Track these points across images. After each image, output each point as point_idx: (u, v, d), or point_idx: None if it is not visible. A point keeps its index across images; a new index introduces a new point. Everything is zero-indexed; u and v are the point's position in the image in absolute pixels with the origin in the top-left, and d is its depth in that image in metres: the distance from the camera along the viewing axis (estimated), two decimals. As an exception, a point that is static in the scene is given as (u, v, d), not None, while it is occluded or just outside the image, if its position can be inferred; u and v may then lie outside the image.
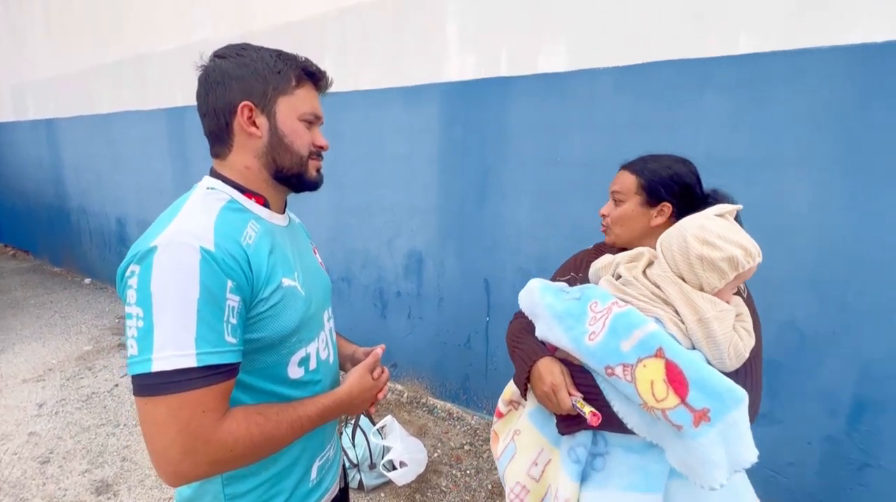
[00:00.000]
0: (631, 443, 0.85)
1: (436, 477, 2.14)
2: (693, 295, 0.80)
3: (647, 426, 0.80)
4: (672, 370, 0.74)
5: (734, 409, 0.71)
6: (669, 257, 0.83)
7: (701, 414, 0.71)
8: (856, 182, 1.51)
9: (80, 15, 4.38)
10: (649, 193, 0.98)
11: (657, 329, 0.78)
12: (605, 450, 0.87)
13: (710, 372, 0.74)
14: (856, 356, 1.58)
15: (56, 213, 5.53)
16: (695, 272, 0.80)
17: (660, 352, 0.75)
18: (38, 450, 2.33)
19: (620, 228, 1.01)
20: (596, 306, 0.85)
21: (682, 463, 0.76)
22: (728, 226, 0.81)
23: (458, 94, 2.30)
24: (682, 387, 0.73)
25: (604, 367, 0.80)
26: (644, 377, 0.75)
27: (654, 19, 1.76)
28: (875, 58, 1.43)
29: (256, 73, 0.71)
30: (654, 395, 0.74)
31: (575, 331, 0.85)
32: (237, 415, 0.64)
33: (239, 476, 0.73)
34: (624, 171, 1.03)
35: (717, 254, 0.77)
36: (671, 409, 0.73)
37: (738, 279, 0.79)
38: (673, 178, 0.98)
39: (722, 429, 0.71)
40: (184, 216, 0.65)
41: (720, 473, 0.72)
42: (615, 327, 0.79)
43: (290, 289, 0.72)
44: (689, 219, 0.84)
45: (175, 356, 0.58)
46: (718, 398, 0.71)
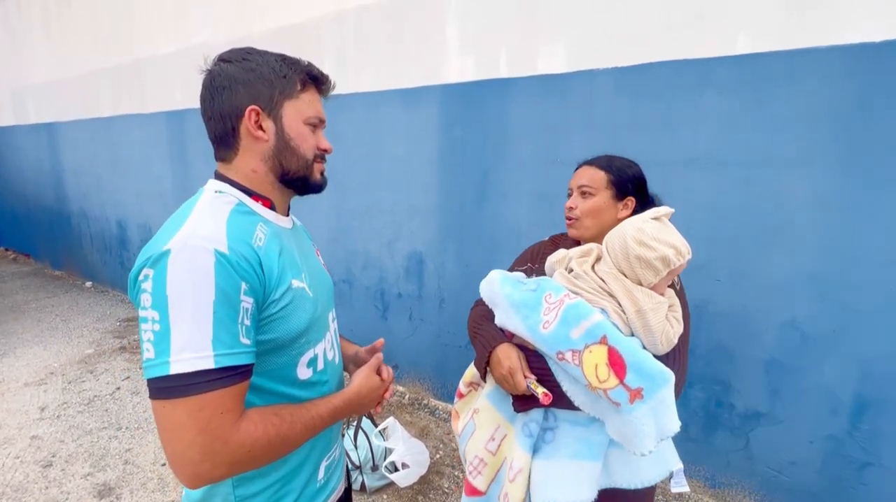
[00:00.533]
0: (577, 418, 0.96)
1: (438, 479, 2.14)
2: (633, 289, 0.91)
3: (591, 403, 0.91)
4: (613, 355, 0.84)
5: (663, 388, 0.83)
6: (613, 256, 0.94)
7: (636, 392, 0.82)
8: (855, 181, 1.52)
9: (80, 19, 4.40)
10: (618, 188, 1.07)
11: (602, 319, 0.88)
12: (555, 425, 0.99)
13: (645, 356, 0.85)
14: (857, 355, 1.58)
15: (57, 217, 5.54)
16: (633, 270, 0.91)
17: (604, 340, 0.85)
18: (41, 454, 2.33)
19: (591, 220, 1.08)
20: (550, 297, 0.94)
21: (618, 434, 0.88)
22: (662, 227, 0.92)
23: (458, 95, 2.31)
24: (621, 370, 0.83)
25: (555, 352, 0.90)
26: (590, 361, 0.85)
27: (652, 20, 1.76)
28: (873, 57, 1.44)
29: (263, 77, 0.71)
30: (597, 377, 0.85)
31: (531, 319, 0.94)
32: (254, 417, 0.65)
33: (249, 477, 0.73)
34: (590, 167, 1.10)
35: (652, 254, 0.88)
36: (612, 389, 0.83)
37: (670, 275, 0.91)
38: (636, 176, 1.10)
39: (652, 405, 0.83)
40: (195, 219, 0.66)
41: (650, 441, 0.84)
42: (566, 317, 0.89)
43: (299, 291, 0.72)
44: (629, 221, 0.95)
45: (193, 358, 0.59)
46: (651, 379, 0.82)
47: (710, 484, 1.91)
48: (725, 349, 1.80)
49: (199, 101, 0.75)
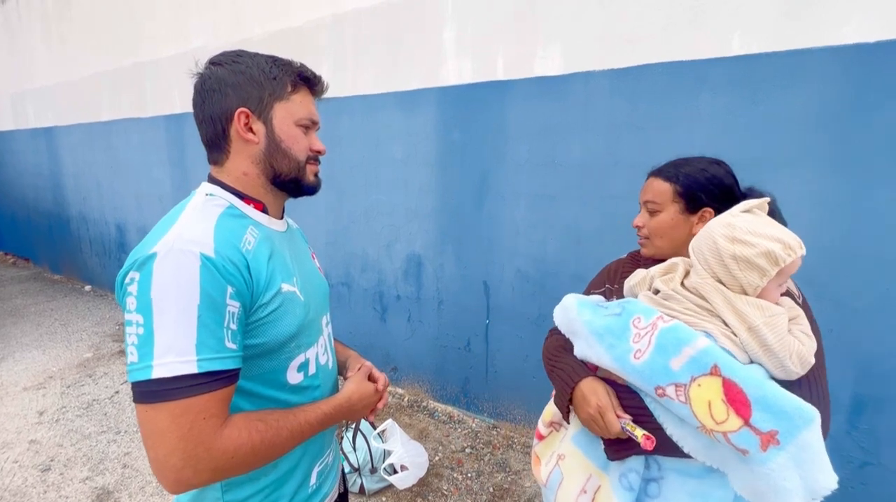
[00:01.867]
0: (688, 468, 0.79)
1: (437, 481, 2.13)
2: (737, 301, 0.74)
3: (705, 449, 0.74)
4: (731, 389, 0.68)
5: (805, 429, 0.66)
6: (703, 262, 0.78)
7: (768, 436, 0.66)
8: (850, 180, 1.52)
9: (80, 23, 4.41)
10: (688, 200, 0.93)
11: (710, 344, 0.72)
12: (660, 475, 0.81)
13: (775, 388, 0.68)
14: (854, 354, 1.58)
15: (56, 221, 5.54)
16: (732, 274, 0.75)
17: (715, 370, 0.70)
18: (39, 458, 2.33)
19: (661, 240, 0.95)
20: (639, 322, 0.79)
21: (750, 491, 0.70)
22: (757, 220, 0.76)
23: (456, 97, 2.31)
24: (744, 408, 0.67)
25: (653, 387, 0.75)
26: (700, 397, 0.70)
27: (648, 22, 1.77)
28: (867, 58, 1.45)
29: (252, 79, 0.71)
30: (712, 417, 0.68)
31: (618, 348, 0.79)
32: (238, 422, 0.64)
33: (238, 482, 0.72)
34: (655, 179, 0.96)
35: (751, 250, 0.73)
36: (734, 432, 0.67)
37: (781, 275, 0.74)
38: (711, 181, 0.93)
39: (794, 453, 0.66)
40: (183, 222, 0.65)
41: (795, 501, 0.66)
42: (662, 344, 0.74)
43: (289, 295, 0.72)
44: (716, 219, 0.80)
45: (176, 362, 0.58)
46: (786, 418, 0.66)
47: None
48: (723, 349, 1.80)
49: (192, 105, 0.75)
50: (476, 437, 2.44)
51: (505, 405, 2.47)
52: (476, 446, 2.37)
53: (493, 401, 2.51)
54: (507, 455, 2.30)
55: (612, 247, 1.23)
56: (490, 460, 2.27)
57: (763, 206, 0.80)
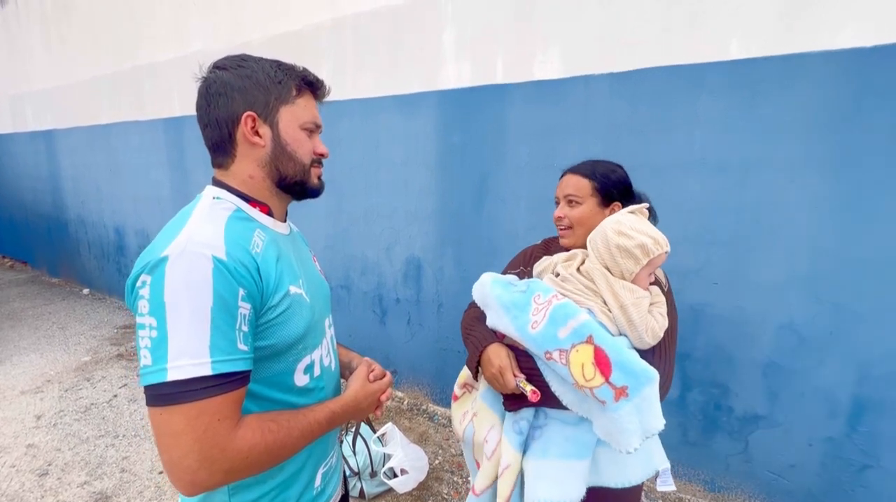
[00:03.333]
0: (566, 418, 0.98)
1: (437, 485, 2.13)
2: (615, 284, 0.94)
3: (578, 402, 0.93)
4: (599, 354, 0.86)
5: (647, 386, 0.84)
6: (595, 250, 0.98)
7: (620, 390, 0.84)
8: (848, 183, 1.53)
9: (79, 26, 4.42)
10: (603, 195, 1.09)
11: (589, 319, 0.90)
12: (545, 423, 1.00)
13: (630, 354, 0.87)
14: (854, 357, 1.58)
15: (54, 224, 5.53)
16: (615, 260, 0.94)
17: (590, 339, 0.87)
18: (37, 463, 2.31)
19: (581, 228, 1.09)
20: (539, 298, 0.96)
21: (605, 433, 0.89)
22: (638, 220, 0.97)
23: (455, 101, 2.32)
24: (606, 369, 0.85)
25: (543, 352, 0.92)
26: (576, 360, 0.87)
27: (647, 26, 1.78)
28: (864, 62, 1.46)
29: (258, 83, 0.72)
30: (584, 376, 0.86)
31: (520, 320, 0.96)
32: (251, 423, 0.65)
33: (245, 484, 0.73)
34: (574, 175, 1.12)
35: (630, 242, 0.92)
36: (597, 387, 0.85)
37: (650, 265, 0.94)
38: (621, 180, 1.11)
39: (637, 403, 0.84)
40: (192, 226, 0.66)
41: (635, 439, 0.85)
42: (554, 317, 0.91)
43: (296, 297, 0.72)
44: (608, 218, 0.99)
45: (190, 365, 0.58)
46: (635, 377, 0.84)
47: (710, 487, 1.91)
48: (723, 352, 1.80)
49: (196, 108, 0.75)
50: (476, 441, 2.43)
51: (505, 408, 2.46)
52: (476, 449, 2.37)
53: (492, 404, 2.50)
54: (508, 458, 2.29)
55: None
56: (490, 463, 2.26)
57: (643, 212, 1.00)
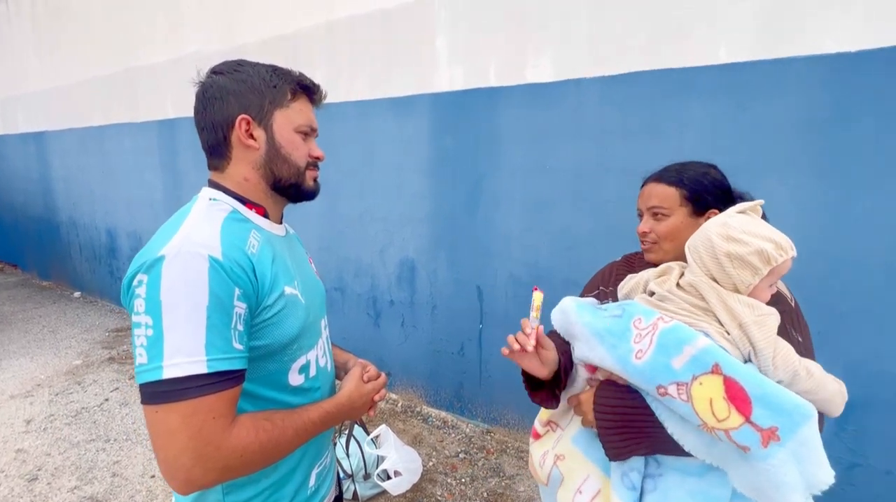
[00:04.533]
0: (687, 467, 0.80)
1: (431, 487, 2.13)
2: (729, 299, 0.76)
3: (706, 447, 0.75)
4: (732, 387, 0.70)
5: (804, 425, 0.67)
6: (699, 260, 0.81)
7: (769, 432, 0.67)
8: (834, 186, 1.56)
9: (72, 28, 4.39)
10: (696, 203, 0.94)
11: (710, 343, 0.73)
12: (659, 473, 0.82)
13: (774, 386, 0.70)
14: (841, 356, 1.61)
15: (45, 226, 5.48)
16: (725, 271, 0.77)
17: (716, 369, 0.71)
18: (26, 468, 2.29)
19: (671, 243, 0.94)
20: (640, 322, 0.80)
21: (750, 487, 0.72)
22: (751, 221, 0.79)
23: (448, 104, 2.33)
24: (744, 405, 0.68)
25: (655, 386, 0.75)
26: (701, 396, 0.71)
27: (637, 30, 1.81)
28: (849, 67, 1.49)
29: (253, 87, 0.73)
30: (714, 415, 0.70)
31: (619, 349, 0.80)
32: (245, 422, 0.65)
33: (240, 484, 0.73)
34: (657, 184, 0.96)
35: (745, 248, 0.75)
36: (735, 429, 0.68)
37: (772, 275, 0.77)
38: (714, 184, 0.95)
39: (793, 448, 0.67)
40: (189, 226, 0.66)
41: (796, 496, 0.68)
42: (663, 343, 0.75)
43: (291, 297, 0.73)
44: (712, 220, 0.83)
45: (186, 362, 0.59)
46: (786, 414, 0.67)
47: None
48: (714, 352, 1.82)
49: (193, 112, 0.76)
50: (470, 442, 2.44)
51: (499, 410, 2.47)
52: (470, 451, 2.37)
53: (486, 406, 2.51)
54: (501, 460, 2.30)
55: (605, 252, 1.25)
56: (484, 465, 2.27)
57: (756, 209, 0.83)
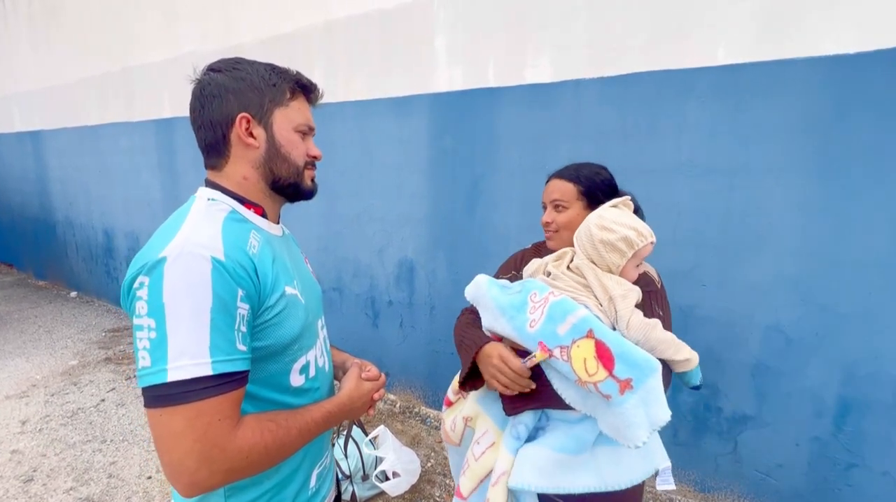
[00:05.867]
0: (568, 417, 0.96)
1: (429, 488, 2.12)
2: (603, 277, 0.95)
3: (581, 399, 0.91)
4: (601, 348, 0.84)
5: (651, 377, 0.83)
6: (581, 246, 0.99)
7: (625, 383, 0.82)
8: (832, 187, 1.56)
9: (68, 27, 4.37)
10: (589, 198, 1.09)
11: (587, 313, 0.89)
12: (546, 424, 0.99)
13: (631, 346, 0.85)
14: (839, 358, 1.61)
15: (41, 226, 5.45)
16: (600, 254, 0.95)
17: (590, 333, 0.86)
18: (22, 469, 2.27)
19: (568, 232, 1.09)
20: (535, 296, 0.95)
21: (611, 428, 0.87)
22: (621, 213, 0.97)
23: (447, 104, 2.33)
24: (609, 362, 0.83)
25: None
26: (578, 356, 0.86)
27: (635, 32, 1.81)
28: (848, 68, 1.49)
29: (253, 85, 0.72)
30: (586, 371, 0.85)
31: (517, 320, 0.95)
32: (250, 423, 0.65)
33: (242, 486, 0.72)
34: (559, 180, 1.12)
35: (613, 236, 0.93)
36: (601, 382, 0.84)
37: (636, 257, 0.95)
38: (605, 183, 1.11)
39: (642, 395, 0.83)
40: (189, 227, 0.66)
41: (642, 432, 0.83)
42: (552, 313, 0.90)
43: (292, 298, 0.73)
44: (591, 213, 1.00)
45: (191, 365, 0.58)
46: (638, 368, 0.83)
47: (700, 488, 1.93)
48: (712, 353, 1.82)
49: (189, 110, 0.75)
50: (468, 443, 2.43)
51: (497, 410, 2.47)
52: (468, 452, 2.37)
53: (485, 407, 2.51)
54: (500, 460, 2.30)
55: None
56: (482, 466, 2.26)
57: (627, 203, 1.00)
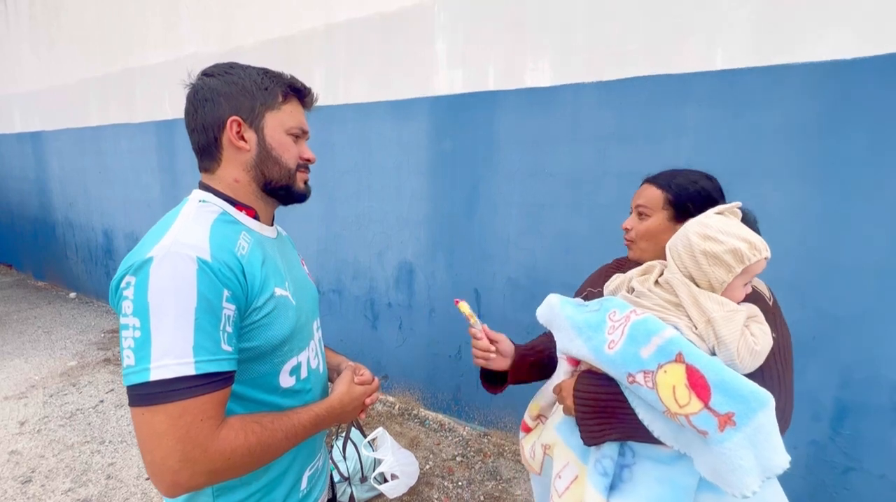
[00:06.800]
0: (659, 455, 0.84)
1: (428, 490, 2.12)
2: (700, 296, 0.80)
3: (672, 433, 0.78)
4: (693, 374, 0.73)
5: (760, 412, 0.70)
6: (677, 258, 0.84)
7: (726, 418, 0.70)
8: (829, 191, 1.56)
9: (69, 28, 4.38)
10: (677, 208, 0.97)
11: (676, 334, 0.78)
12: (633, 462, 0.86)
13: (732, 374, 0.73)
14: (836, 361, 1.61)
15: (41, 226, 5.45)
16: (701, 268, 0.81)
17: (679, 357, 0.75)
18: (20, 470, 2.27)
19: (647, 243, 0.99)
20: (614, 315, 0.85)
21: (711, 471, 0.74)
22: (728, 221, 0.82)
23: (447, 107, 2.34)
24: (703, 391, 0.72)
25: (625, 375, 0.79)
26: (665, 383, 0.75)
27: (634, 37, 1.82)
28: (844, 74, 1.50)
29: (244, 89, 0.73)
30: (676, 401, 0.73)
31: (594, 340, 0.85)
32: (234, 424, 0.65)
33: (230, 486, 0.72)
34: (649, 185, 1.01)
35: (720, 247, 0.79)
36: (695, 414, 0.72)
37: (746, 273, 0.80)
38: (700, 193, 0.97)
39: (749, 433, 0.70)
40: (178, 228, 0.66)
41: (751, 480, 0.70)
42: (634, 334, 0.79)
43: (282, 299, 0.73)
44: (691, 220, 0.86)
45: (174, 364, 0.59)
46: (742, 400, 0.70)
47: (698, 491, 1.93)
48: (710, 356, 1.83)
49: (184, 114, 0.76)
50: (467, 445, 2.43)
51: (496, 413, 2.47)
52: (467, 454, 2.37)
53: (484, 409, 2.51)
54: (498, 463, 2.30)
55: (602, 255, 1.25)
56: (481, 468, 2.27)
57: (734, 211, 0.85)
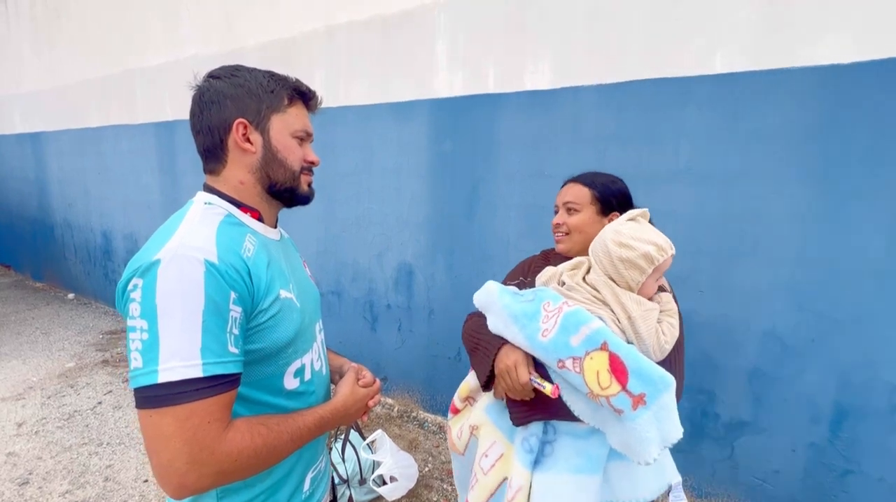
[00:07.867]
0: (577, 431, 0.94)
1: (427, 492, 2.12)
2: (622, 296, 0.92)
3: (591, 413, 0.89)
4: (615, 361, 0.83)
5: (665, 393, 0.81)
6: (598, 262, 0.96)
7: (638, 398, 0.80)
8: (828, 194, 1.57)
9: (70, 29, 4.39)
10: (603, 203, 1.11)
11: (602, 325, 0.87)
12: (554, 438, 0.96)
13: (646, 361, 0.83)
14: (835, 364, 1.62)
15: (40, 227, 5.44)
16: (620, 272, 0.92)
17: (604, 346, 0.84)
18: (17, 471, 2.26)
19: (578, 235, 1.10)
20: (549, 306, 0.93)
21: (621, 444, 0.85)
22: (639, 227, 0.94)
23: (447, 109, 2.35)
24: (623, 376, 0.82)
25: (556, 361, 0.88)
26: (591, 368, 0.84)
27: (634, 39, 1.82)
28: (842, 78, 1.51)
29: (251, 91, 0.74)
30: (599, 384, 0.83)
31: (529, 328, 0.92)
32: (241, 426, 0.65)
33: (234, 488, 0.73)
34: (575, 184, 1.14)
35: (633, 253, 0.90)
36: (614, 396, 0.82)
37: (656, 272, 0.92)
38: (621, 191, 1.13)
39: (655, 411, 0.81)
40: (184, 230, 0.67)
41: (654, 449, 0.81)
42: (565, 324, 0.88)
43: (287, 301, 0.73)
44: (607, 226, 0.97)
45: (181, 367, 0.59)
46: (652, 383, 0.81)
47: (697, 493, 1.93)
48: (709, 359, 1.83)
49: (189, 115, 0.77)
50: (466, 448, 2.43)
51: (495, 415, 2.47)
52: (466, 456, 2.36)
53: (483, 411, 2.50)
54: (497, 465, 2.29)
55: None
56: (480, 471, 2.26)
57: (645, 215, 0.97)
